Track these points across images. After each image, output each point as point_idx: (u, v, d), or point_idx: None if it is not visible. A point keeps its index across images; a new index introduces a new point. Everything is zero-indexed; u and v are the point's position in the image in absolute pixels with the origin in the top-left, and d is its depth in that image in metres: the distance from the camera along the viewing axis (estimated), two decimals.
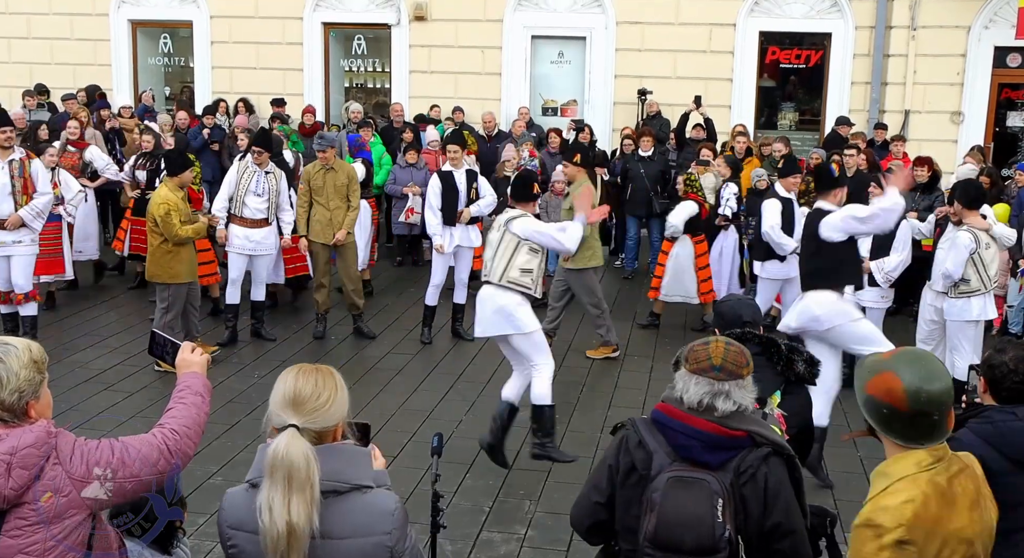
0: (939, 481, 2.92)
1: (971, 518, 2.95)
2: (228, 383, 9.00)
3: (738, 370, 3.27)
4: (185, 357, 3.50)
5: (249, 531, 2.86)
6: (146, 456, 3.12)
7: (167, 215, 8.95)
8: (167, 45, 18.83)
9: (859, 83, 16.25)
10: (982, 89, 16.04)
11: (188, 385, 3.43)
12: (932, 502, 2.89)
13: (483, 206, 10.55)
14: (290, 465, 2.75)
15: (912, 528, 2.86)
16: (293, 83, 17.56)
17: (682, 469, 3.26)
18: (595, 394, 8.98)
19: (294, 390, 2.89)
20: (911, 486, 2.91)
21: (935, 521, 2.88)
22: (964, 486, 2.97)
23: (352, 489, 2.88)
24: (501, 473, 7.22)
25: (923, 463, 2.93)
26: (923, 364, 2.99)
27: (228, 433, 7.79)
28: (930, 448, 2.96)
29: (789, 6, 16.37)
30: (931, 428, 2.95)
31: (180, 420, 3.31)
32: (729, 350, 3.29)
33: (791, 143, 13.30)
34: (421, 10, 17.05)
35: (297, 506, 2.74)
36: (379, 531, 2.88)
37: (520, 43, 17.07)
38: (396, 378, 9.29)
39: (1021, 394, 4.06)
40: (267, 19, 17.57)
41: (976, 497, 2.99)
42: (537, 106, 17.32)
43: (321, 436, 2.89)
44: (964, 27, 15.80)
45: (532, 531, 6.40)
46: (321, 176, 10.21)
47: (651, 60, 16.51)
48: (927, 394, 2.91)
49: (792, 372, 4.39)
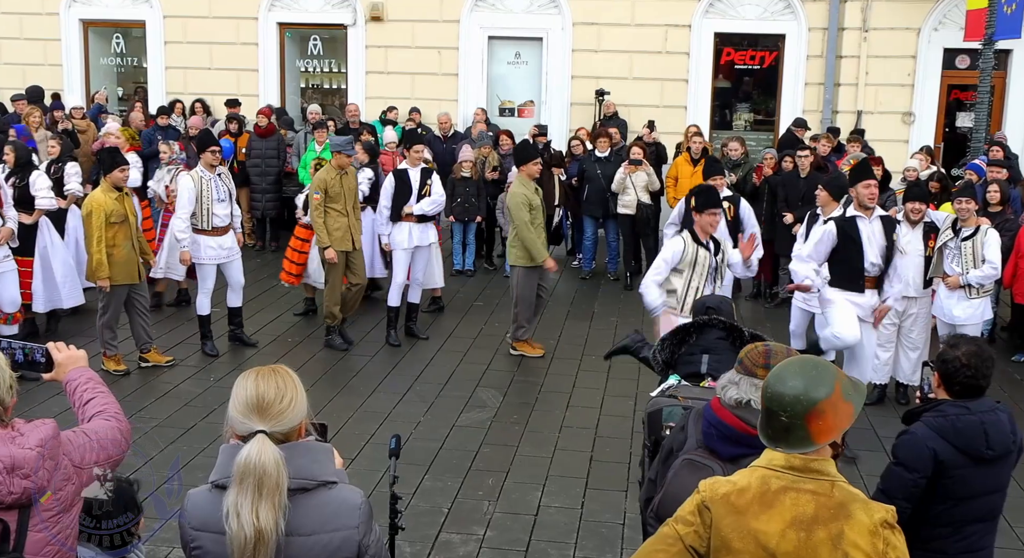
0: (770, 483, 2.88)
1: (785, 535, 2.81)
2: (183, 387, 8.92)
3: (753, 368, 3.46)
4: (71, 354, 3.48)
5: (213, 532, 2.84)
6: (113, 438, 3.21)
7: (88, 216, 8.84)
8: (120, 45, 18.63)
9: (813, 84, 16.44)
10: (932, 90, 16.30)
11: (90, 377, 3.44)
12: (749, 494, 2.88)
13: (425, 205, 10.31)
14: (262, 472, 2.74)
15: (714, 501, 2.90)
16: (248, 84, 17.44)
17: (698, 454, 3.45)
18: (553, 394, 9.00)
19: (256, 395, 2.86)
20: (746, 474, 2.95)
21: (741, 510, 2.86)
22: (799, 504, 2.83)
23: (319, 485, 2.88)
24: (460, 474, 7.22)
25: (773, 462, 2.91)
26: (790, 367, 2.95)
27: (184, 437, 7.72)
28: (793, 454, 2.87)
29: (743, 7, 16.51)
30: (783, 431, 2.86)
31: (112, 406, 3.35)
32: (755, 349, 3.54)
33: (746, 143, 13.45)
34: (377, 10, 17.00)
35: (265, 512, 2.74)
36: (347, 526, 2.89)
37: (477, 44, 17.08)
38: (354, 380, 9.25)
39: (973, 388, 4.14)
40: (221, 19, 17.44)
41: (810, 523, 2.80)
42: (494, 107, 17.34)
43: (287, 437, 2.89)
44: (914, 29, 16.04)
45: (491, 532, 6.40)
46: (338, 182, 9.91)
47: (607, 61, 16.59)
48: (771, 392, 2.88)
49: None
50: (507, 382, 9.25)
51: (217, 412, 8.06)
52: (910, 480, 4.03)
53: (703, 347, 4.60)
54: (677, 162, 13.16)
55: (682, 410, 4.19)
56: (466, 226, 13.27)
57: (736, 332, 4.64)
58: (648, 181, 12.72)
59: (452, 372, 9.47)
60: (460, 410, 8.50)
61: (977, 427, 4.07)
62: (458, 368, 9.61)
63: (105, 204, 8.85)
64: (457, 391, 8.97)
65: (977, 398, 4.15)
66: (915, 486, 4.06)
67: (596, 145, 13.30)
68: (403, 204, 10.22)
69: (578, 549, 6.20)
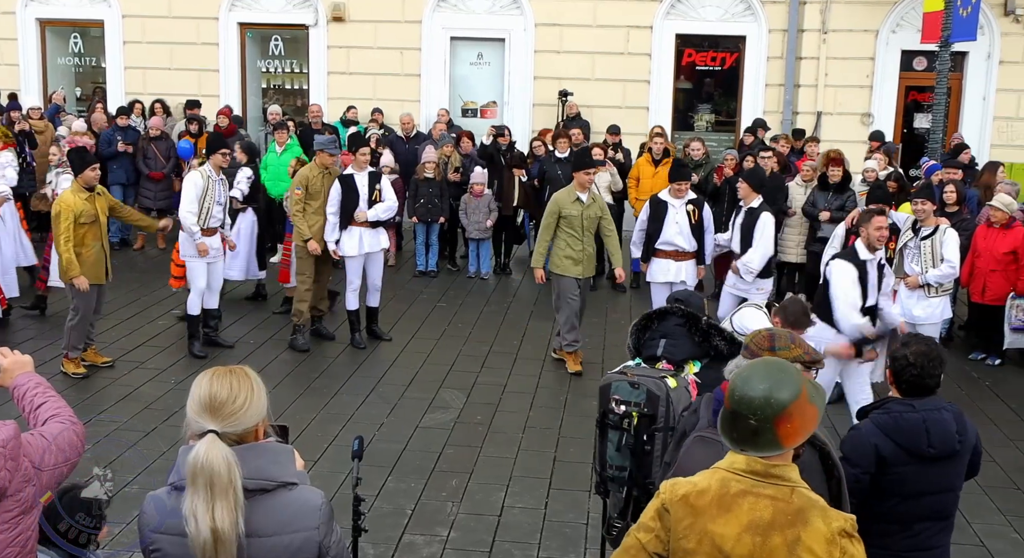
0: (730, 485, 2.88)
1: (741, 539, 2.82)
2: (144, 389, 8.84)
3: (759, 351, 3.70)
4: (17, 359, 3.47)
5: (173, 534, 2.83)
6: (70, 440, 3.21)
7: (57, 217, 8.77)
8: (78, 45, 18.45)
9: (773, 85, 16.58)
10: (890, 91, 16.51)
11: (39, 382, 3.42)
12: (708, 496, 2.89)
13: (381, 211, 10.22)
14: (211, 472, 2.73)
15: (674, 502, 2.93)
16: (209, 84, 17.31)
17: (708, 431, 3.61)
18: (516, 395, 9.01)
19: (209, 395, 2.85)
20: (707, 475, 2.97)
21: (699, 511, 2.88)
22: (757, 509, 2.84)
23: (279, 487, 2.88)
24: (423, 476, 7.21)
25: (735, 465, 2.92)
26: (756, 369, 2.97)
27: (144, 440, 7.66)
28: (755, 459, 2.88)
29: (704, 9, 16.62)
30: (752, 434, 2.87)
31: (65, 410, 3.33)
32: (759, 334, 3.83)
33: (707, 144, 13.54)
34: (339, 11, 16.95)
35: (221, 512, 2.72)
36: (308, 526, 2.89)
37: (439, 44, 17.07)
38: (317, 381, 9.21)
39: (919, 387, 4.20)
40: (181, 19, 17.30)
41: (767, 528, 2.81)
42: (457, 108, 17.33)
43: (242, 438, 2.87)
44: (873, 31, 16.23)
45: (455, 533, 6.40)
46: (320, 180, 9.97)
47: (570, 62, 16.64)
48: (740, 395, 2.90)
49: (710, 346, 4.87)
50: (470, 383, 9.25)
51: (178, 414, 7.98)
52: (852, 475, 4.05)
53: (662, 332, 4.93)
54: (639, 163, 13.21)
55: (628, 385, 4.61)
56: (429, 227, 13.25)
57: (694, 320, 4.93)
58: (611, 182, 12.77)
59: (415, 373, 9.45)
60: (423, 411, 8.49)
61: (919, 425, 4.12)
62: (421, 369, 9.60)
63: (75, 205, 8.80)
64: (420, 392, 8.96)
65: (925, 397, 4.20)
66: (857, 481, 4.08)
67: (556, 146, 13.33)
68: (351, 209, 10.07)
69: (542, 549, 6.22)
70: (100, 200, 9.12)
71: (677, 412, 4.45)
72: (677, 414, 4.43)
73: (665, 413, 4.53)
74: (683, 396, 4.57)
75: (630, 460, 4.57)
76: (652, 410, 4.55)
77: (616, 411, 4.61)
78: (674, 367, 4.79)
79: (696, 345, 4.89)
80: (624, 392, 4.60)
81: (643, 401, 4.56)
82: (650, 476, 4.47)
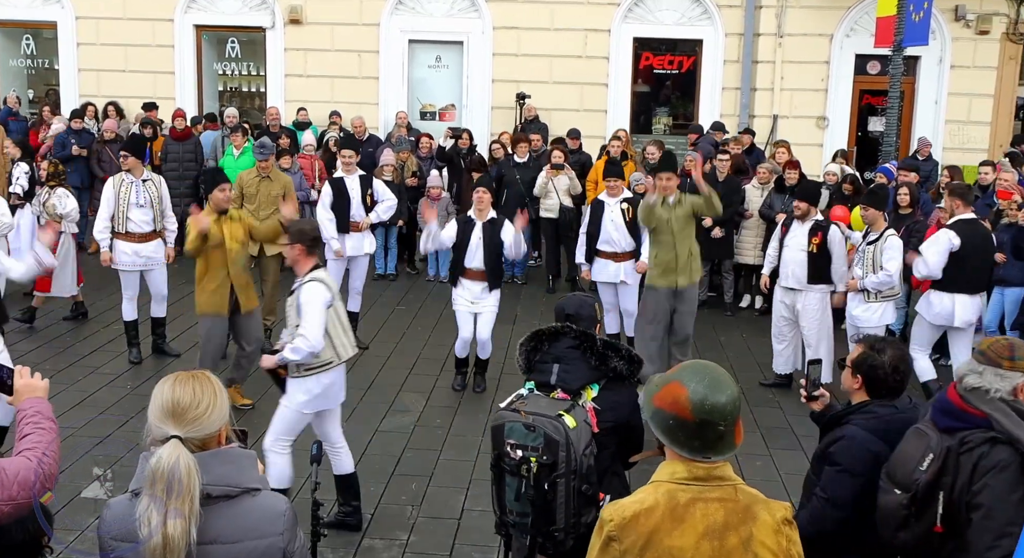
0: (678, 497, 2.87)
1: (699, 547, 2.82)
2: (100, 395, 8.74)
3: (998, 359, 3.76)
4: (29, 382, 3.40)
5: (132, 542, 2.80)
6: (24, 479, 3.09)
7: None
8: (30, 46, 18.21)
9: (730, 88, 16.71)
10: (845, 95, 16.70)
11: (38, 410, 3.34)
12: (658, 512, 2.85)
13: (382, 212, 10.31)
14: (171, 478, 2.71)
15: (624, 527, 2.86)
16: (164, 86, 17.15)
17: (924, 424, 3.85)
18: (476, 398, 9.01)
19: (172, 400, 2.84)
20: (650, 491, 2.92)
21: (653, 530, 2.84)
22: (709, 514, 2.85)
23: (243, 493, 2.86)
24: (383, 480, 7.19)
25: (676, 475, 2.91)
26: (709, 375, 2.96)
27: (100, 446, 7.57)
28: (697, 464, 2.89)
29: (662, 13, 16.73)
30: (717, 439, 2.89)
31: (45, 445, 3.24)
32: (997, 342, 3.88)
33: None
34: (296, 13, 16.87)
35: (174, 518, 2.70)
36: (272, 532, 2.88)
37: (397, 47, 17.04)
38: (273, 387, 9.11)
39: (899, 390, 4.21)
40: (136, 20, 17.12)
41: (722, 531, 2.83)
42: (415, 110, 17.31)
43: (205, 443, 2.86)
44: (827, 35, 16.41)
45: (414, 537, 6.39)
46: (255, 184, 10.03)
47: (528, 65, 16.68)
48: (711, 403, 2.88)
49: (608, 368, 4.48)
50: (430, 386, 9.24)
51: (135, 420, 7.93)
52: (855, 485, 4.03)
53: (555, 356, 4.46)
54: (597, 165, 13.27)
55: (523, 427, 4.10)
56: (387, 230, 13.21)
57: (588, 341, 4.51)
58: (570, 185, 12.81)
59: (374, 377, 9.42)
60: (383, 415, 8.47)
61: (909, 425, 4.10)
62: (380, 373, 9.57)
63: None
64: (379, 396, 8.94)
65: (897, 397, 4.21)
66: (862, 491, 4.03)
67: (515, 150, 13.34)
68: (344, 213, 10.07)
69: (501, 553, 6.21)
70: (233, 225, 8.41)
71: (579, 453, 4.07)
72: (579, 455, 4.07)
73: (566, 457, 4.06)
74: (583, 433, 4.14)
75: (531, 509, 4.14)
76: (552, 457, 4.06)
77: (512, 456, 4.12)
78: (570, 395, 4.31)
79: (592, 369, 4.45)
80: (519, 436, 4.09)
81: (541, 446, 4.06)
82: (555, 523, 4.11)
